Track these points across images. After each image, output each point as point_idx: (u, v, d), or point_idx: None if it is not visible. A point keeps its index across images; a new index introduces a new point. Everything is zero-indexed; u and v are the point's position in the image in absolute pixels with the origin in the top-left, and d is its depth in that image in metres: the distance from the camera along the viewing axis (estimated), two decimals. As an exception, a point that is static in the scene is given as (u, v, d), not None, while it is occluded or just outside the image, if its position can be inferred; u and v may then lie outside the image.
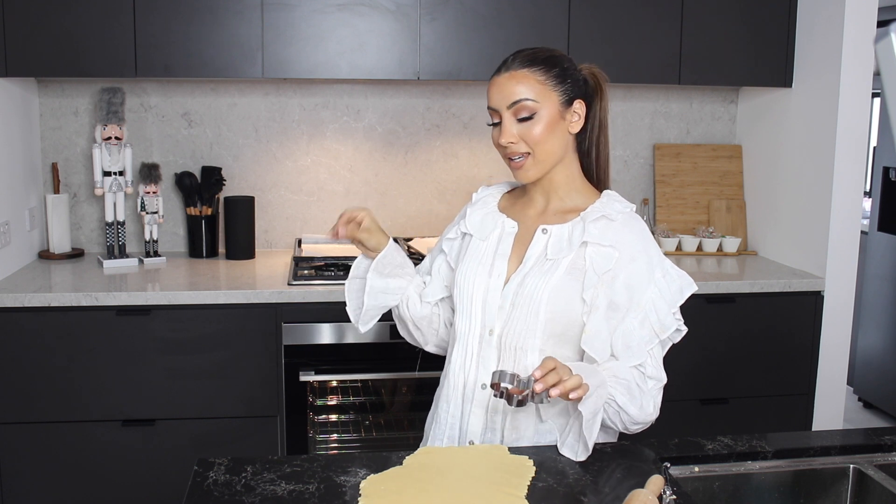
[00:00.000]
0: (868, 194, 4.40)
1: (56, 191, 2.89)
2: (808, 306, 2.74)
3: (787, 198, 2.95)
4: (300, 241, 3.01)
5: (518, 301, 1.52)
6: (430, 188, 3.13)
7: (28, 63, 2.52)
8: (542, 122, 1.52)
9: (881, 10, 2.78)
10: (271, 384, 2.48)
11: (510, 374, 1.33)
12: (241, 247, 2.90)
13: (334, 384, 2.70)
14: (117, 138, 2.73)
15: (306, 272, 2.61)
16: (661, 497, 1.22)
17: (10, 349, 2.37)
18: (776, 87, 2.95)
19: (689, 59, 2.81)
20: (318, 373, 2.49)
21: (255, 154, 3.03)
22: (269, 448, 2.51)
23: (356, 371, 2.54)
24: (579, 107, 1.57)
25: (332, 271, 2.62)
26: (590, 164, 1.63)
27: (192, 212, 2.90)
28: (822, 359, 2.77)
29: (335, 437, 2.69)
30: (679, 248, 3.08)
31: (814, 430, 2.77)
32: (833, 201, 2.71)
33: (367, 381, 2.71)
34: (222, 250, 2.96)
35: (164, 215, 2.96)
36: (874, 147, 4.36)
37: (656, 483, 1.23)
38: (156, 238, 2.85)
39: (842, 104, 2.65)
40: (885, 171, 4.09)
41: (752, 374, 2.74)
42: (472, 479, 1.31)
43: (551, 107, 1.53)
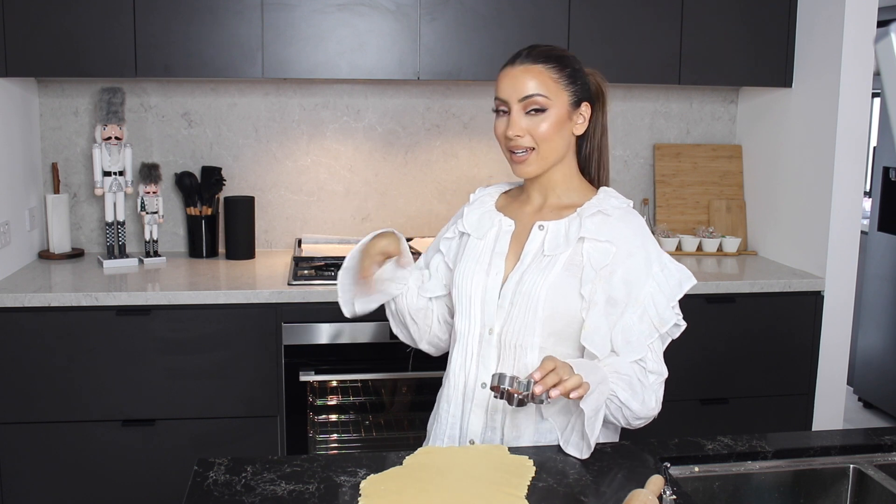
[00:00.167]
0: (868, 194, 4.40)
1: (56, 191, 2.89)
2: (808, 306, 2.74)
3: (787, 198, 2.95)
4: (300, 241, 3.01)
5: (516, 299, 1.52)
6: (430, 188, 3.13)
7: (28, 63, 2.53)
8: (551, 120, 1.52)
9: (881, 10, 2.78)
10: (271, 384, 2.49)
11: (509, 376, 1.33)
12: (241, 247, 2.90)
13: (334, 384, 2.70)
14: (117, 138, 2.73)
15: (306, 272, 2.61)
16: (661, 497, 1.22)
17: (10, 349, 2.37)
18: (776, 87, 2.95)
19: (689, 59, 2.81)
20: (318, 373, 2.49)
21: (255, 154, 3.03)
22: (269, 448, 2.51)
23: (356, 371, 2.54)
24: (585, 109, 1.57)
25: (332, 271, 2.62)
26: (591, 167, 1.64)
27: (192, 212, 2.90)
28: (822, 359, 2.77)
29: (335, 437, 2.69)
30: (679, 248, 3.08)
31: (814, 430, 2.77)
32: (833, 201, 2.71)
33: (366, 381, 2.71)
34: (222, 250, 2.96)
35: (164, 215, 2.96)
36: (874, 147, 4.36)
37: (656, 483, 1.23)
38: (156, 238, 2.85)
39: (842, 104, 2.65)
40: (885, 171, 4.09)
41: (752, 374, 2.74)
42: (472, 479, 1.31)
43: (561, 106, 1.53)
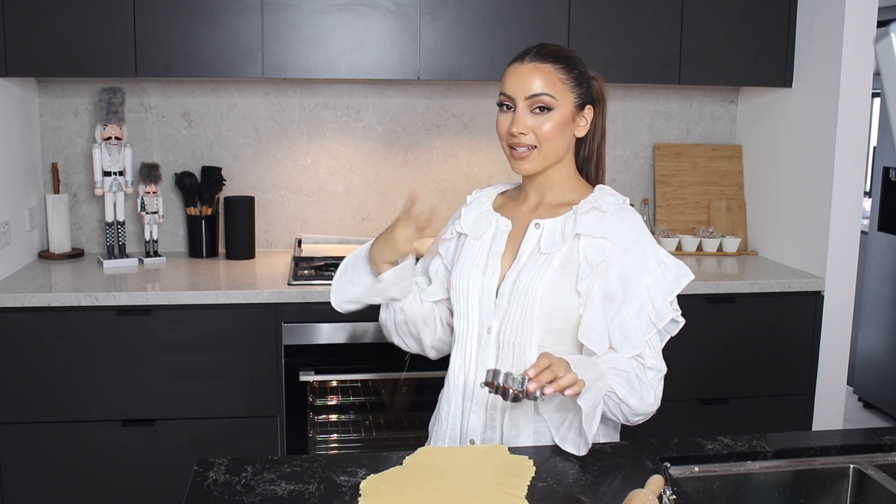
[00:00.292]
0: (868, 194, 4.40)
1: (56, 191, 2.89)
2: (808, 306, 2.74)
3: (787, 198, 2.95)
4: (300, 241, 3.01)
5: (514, 297, 1.52)
6: (430, 188, 3.13)
7: (28, 63, 2.52)
8: (555, 120, 1.52)
9: (881, 10, 2.78)
10: (271, 384, 2.48)
11: (504, 372, 1.33)
12: (241, 247, 2.90)
13: (334, 384, 2.70)
14: (117, 138, 2.73)
15: (306, 272, 2.61)
16: (661, 497, 1.22)
17: (10, 349, 2.37)
18: (776, 87, 2.95)
19: (689, 59, 2.81)
20: (318, 373, 2.49)
21: (255, 154, 3.03)
22: (269, 448, 2.51)
23: (356, 371, 2.54)
24: (589, 112, 1.58)
25: (332, 271, 2.60)
26: (589, 168, 1.64)
27: (192, 212, 2.90)
28: (822, 359, 2.77)
29: (335, 437, 2.69)
30: (679, 248, 3.08)
31: (814, 430, 2.77)
32: (833, 201, 2.70)
33: (367, 381, 2.71)
34: (222, 250, 2.96)
35: (164, 215, 2.95)
36: (874, 147, 4.36)
37: (656, 483, 1.23)
38: (156, 238, 2.85)
39: (842, 104, 2.65)
40: (885, 171, 4.09)
41: (752, 374, 2.74)
42: (472, 479, 1.31)
43: (566, 107, 1.53)
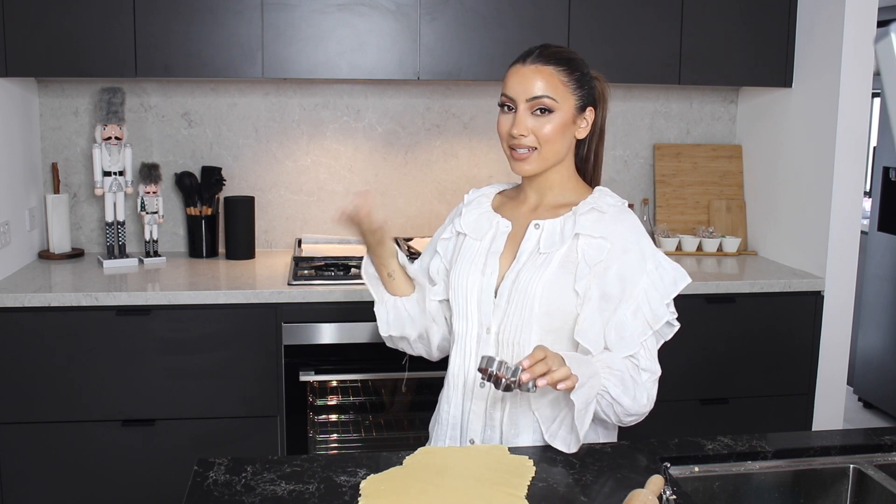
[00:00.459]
0: (868, 194, 4.40)
1: (56, 191, 2.89)
2: (808, 306, 2.74)
3: (787, 198, 2.95)
4: (300, 241, 3.01)
5: (513, 297, 1.53)
6: (430, 188, 3.13)
7: (28, 63, 2.52)
8: (556, 122, 1.53)
9: (881, 10, 2.78)
10: (271, 384, 2.48)
11: (498, 360, 1.34)
12: (241, 247, 2.90)
13: (334, 384, 2.70)
14: (117, 138, 2.73)
15: (306, 272, 2.61)
16: (661, 497, 1.22)
17: (10, 349, 2.37)
18: (776, 87, 2.95)
19: (689, 59, 2.81)
20: (318, 373, 2.49)
21: (255, 154, 3.03)
22: (269, 448, 2.51)
23: (356, 371, 2.54)
24: (590, 114, 1.58)
25: (332, 271, 2.62)
26: (586, 168, 1.65)
27: (192, 212, 2.90)
28: (822, 359, 2.77)
29: (335, 437, 2.69)
30: (679, 248, 3.08)
31: (814, 430, 2.77)
32: (833, 201, 2.70)
33: (367, 381, 2.71)
34: (222, 250, 2.96)
35: (164, 215, 2.95)
36: (874, 147, 4.36)
37: (656, 483, 1.23)
38: (156, 238, 2.85)
39: (842, 104, 2.65)
40: (885, 171, 4.09)
41: (752, 374, 2.74)
42: (472, 479, 1.31)
43: (567, 109, 1.53)
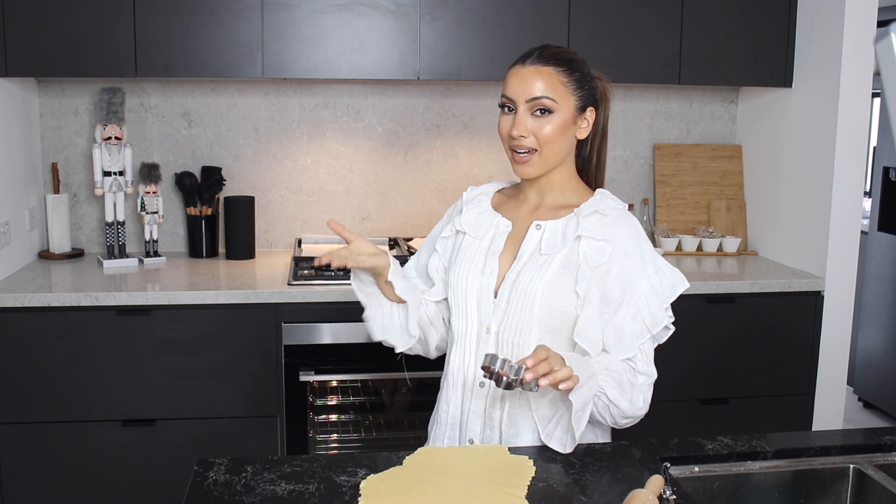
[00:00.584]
0: (868, 194, 4.40)
1: (56, 191, 2.89)
2: (808, 306, 2.74)
3: (787, 198, 2.95)
4: (300, 241, 3.01)
5: (513, 297, 1.53)
6: (430, 188, 3.13)
7: (28, 63, 2.52)
8: (556, 123, 1.52)
9: (881, 10, 2.78)
10: (271, 384, 2.48)
11: (501, 359, 1.34)
12: (241, 247, 2.90)
13: (334, 384, 2.70)
14: (117, 138, 2.73)
15: (306, 272, 2.61)
16: (661, 497, 1.22)
17: (10, 349, 2.37)
18: (776, 87, 2.95)
19: (689, 59, 2.81)
20: (318, 373, 2.49)
21: (255, 154, 3.03)
22: (269, 448, 2.51)
23: (356, 371, 2.54)
24: (590, 114, 1.58)
25: (332, 271, 2.62)
26: (589, 168, 1.65)
27: (192, 212, 2.90)
28: (822, 359, 2.77)
29: (335, 437, 2.69)
30: (679, 248, 3.08)
31: (814, 430, 2.77)
32: (833, 201, 2.70)
33: (367, 381, 2.71)
34: (222, 250, 2.96)
35: (164, 215, 2.95)
36: (874, 147, 4.36)
37: (656, 483, 1.23)
38: (156, 238, 2.85)
39: (842, 104, 2.65)
40: (885, 171, 4.09)
41: (752, 374, 2.74)
42: (472, 479, 1.31)
43: (567, 110, 1.53)
